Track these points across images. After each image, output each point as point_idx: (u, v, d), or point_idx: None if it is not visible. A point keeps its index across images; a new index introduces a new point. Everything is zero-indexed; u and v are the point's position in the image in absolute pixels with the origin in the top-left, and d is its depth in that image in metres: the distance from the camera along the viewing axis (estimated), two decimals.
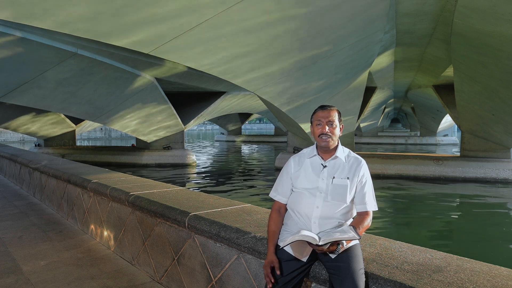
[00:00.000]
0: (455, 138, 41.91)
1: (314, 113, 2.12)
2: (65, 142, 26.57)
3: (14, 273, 3.66)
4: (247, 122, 54.22)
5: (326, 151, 2.09)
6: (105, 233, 4.46)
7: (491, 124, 14.66)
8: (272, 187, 2.24)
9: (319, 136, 2.05)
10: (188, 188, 4.23)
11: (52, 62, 11.97)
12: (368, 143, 40.18)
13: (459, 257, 2.08)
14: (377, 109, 32.37)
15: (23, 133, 25.60)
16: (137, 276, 3.58)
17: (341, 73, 12.29)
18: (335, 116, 2.07)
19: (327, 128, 2.04)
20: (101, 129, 55.61)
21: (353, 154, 2.13)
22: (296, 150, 18.65)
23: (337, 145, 2.10)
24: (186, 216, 3.06)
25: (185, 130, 22.45)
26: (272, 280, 1.94)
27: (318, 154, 2.11)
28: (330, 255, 1.91)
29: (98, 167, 6.65)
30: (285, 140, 26.83)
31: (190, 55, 7.29)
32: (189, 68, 15.36)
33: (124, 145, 33.20)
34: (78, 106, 16.86)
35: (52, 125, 25.09)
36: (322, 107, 2.10)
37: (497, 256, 7.48)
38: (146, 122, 20.09)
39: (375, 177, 15.79)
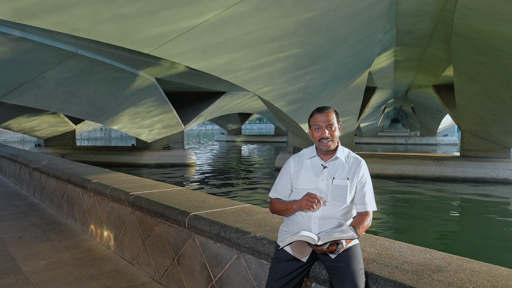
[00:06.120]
0: (455, 138, 41.90)
1: (311, 116, 2.09)
2: (65, 142, 26.56)
3: (14, 273, 3.66)
4: (247, 122, 54.21)
5: (327, 153, 2.09)
6: (105, 233, 4.46)
7: (491, 124, 14.66)
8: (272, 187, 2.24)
9: (319, 140, 2.04)
10: (188, 188, 4.22)
11: (52, 62, 11.96)
12: (368, 143, 40.19)
13: (459, 257, 2.08)
14: (377, 109, 32.38)
15: (23, 133, 25.59)
16: (137, 276, 3.58)
17: (341, 73, 12.28)
18: (333, 119, 2.05)
19: (327, 132, 2.03)
20: (101, 129, 55.60)
21: (352, 154, 2.12)
22: (296, 150, 18.65)
23: (337, 146, 2.10)
24: (186, 216, 3.06)
25: (185, 130, 22.45)
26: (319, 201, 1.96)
27: (318, 155, 2.10)
28: (330, 255, 1.92)
29: (98, 167, 6.64)
30: (285, 140, 26.83)
31: (190, 55, 7.29)
32: (189, 68, 15.36)
33: (124, 145, 33.18)
34: (78, 106, 16.86)
35: (52, 125, 25.08)
36: (319, 110, 2.06)
37: (497, 256, 7.48)
38: (146, 122, 20.09)
39: (375, 177, 15.78)
